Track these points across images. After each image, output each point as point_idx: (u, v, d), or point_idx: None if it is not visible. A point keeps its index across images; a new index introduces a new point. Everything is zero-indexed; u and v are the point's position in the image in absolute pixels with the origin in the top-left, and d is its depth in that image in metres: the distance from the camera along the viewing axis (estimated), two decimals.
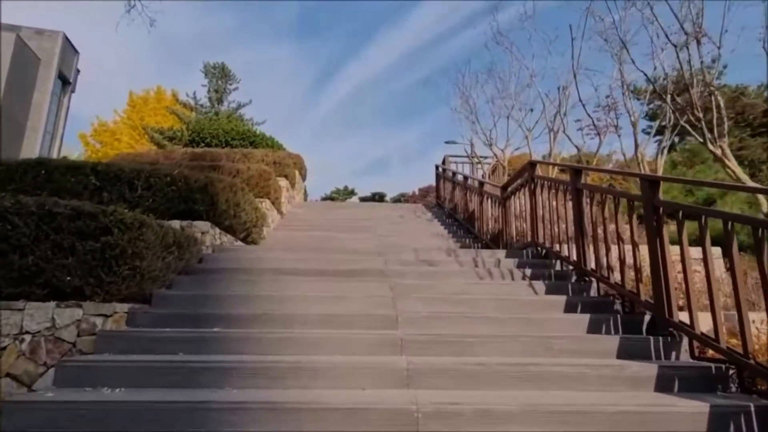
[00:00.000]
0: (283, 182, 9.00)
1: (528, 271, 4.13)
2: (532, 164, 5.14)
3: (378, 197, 47.15)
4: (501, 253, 4.83)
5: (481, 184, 7.23)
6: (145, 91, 27.48)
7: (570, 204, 4.29)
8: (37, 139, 21.00)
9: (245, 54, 43.98)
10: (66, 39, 21.71)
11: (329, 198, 45.58)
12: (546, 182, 4.81)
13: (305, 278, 3.83)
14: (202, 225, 4.55)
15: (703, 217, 2.70)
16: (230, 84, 21.43)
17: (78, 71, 24.56)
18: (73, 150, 27.27)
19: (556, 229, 4.49)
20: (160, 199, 4.57)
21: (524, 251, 4.89)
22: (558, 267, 4.38)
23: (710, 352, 2.73)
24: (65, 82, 22.20)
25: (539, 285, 3.77)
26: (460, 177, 9.12)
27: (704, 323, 2.82)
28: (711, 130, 4.87)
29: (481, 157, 10.22)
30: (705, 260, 2.64)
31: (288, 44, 50.53)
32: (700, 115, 4.88)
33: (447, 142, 16.54)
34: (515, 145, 9.27)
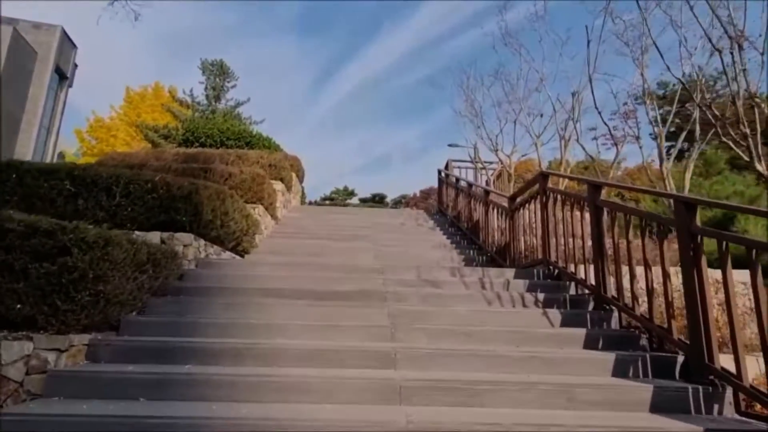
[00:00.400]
0: (278, 186, 8.62)
1: (541, 296, 3.75)
2: (544, 175, 4.76)
3: (378, 198, 46.82)
4: (509, 272, 4.45)
5: (487, 192, 6.85)
6: (143, 87, 27.09)
7: (587, 220, 3.92)
8: (33, 134, 20.63)
9: (245, 52, 43.63)
10: (64, 33, 21.33)
11: (329, 198, 45.26)
12: (560, 196, 4.43)
13: (295, 302, 3.45)
14: (185, 237, 4.17)
15: (754, 250, 2.32)
16: (228, 81, 21.02)
17: (76, 66, 24.14)
18: (71, 146, 26.92)
19: (571, 248, 4.11)
20: (140, 208, 4.19)
21: (535, 270, 4.51)
22: (573, 290, 4.01)
23: (759, 406, 2.36)
24: (62, 76, 21.82)
25: (554, 314, 3.40)
26: (464, 183, 8.74)
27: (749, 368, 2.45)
28: (740, 143, 4.53)
29: (485, 162, 9.83)
30: (756, 300, 2.27)
31: (289, 43, 50.15)
32: (747, 130, 4.52)
33: (450, 145, 16.18)
34: (522, 150, 8.87)
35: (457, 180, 9.02)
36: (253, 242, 6.46)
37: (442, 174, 11.00)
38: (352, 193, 46.84)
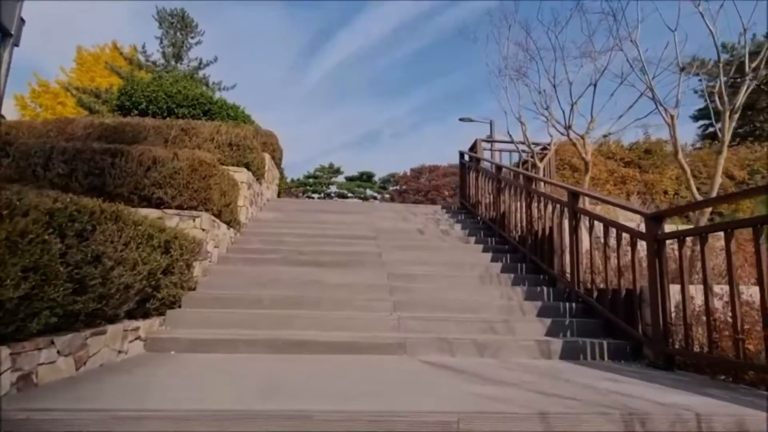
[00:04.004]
0: (242, 175, 5.85)
1: None
2: None
3: (366, 177, 44.05)
4: (755, 422, 1.86)
5: (575, 195, 4.22)
6: (99, 48, 23.38)
7: None
8: None
9: (228, 22, 39.25)
10: None
11: (312, 176, 42.26)
12: None
13: None
14: None
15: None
16: (191, 37, 17.46)
17: (23, 21, 20.38)
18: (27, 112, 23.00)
19: None
20: None
21: None
22: None
23: None
24: (5, 33, 18.18)
25: None
26: (513, 176, 6.10)
27: None
28: None
29: (533, 143, 7.15)
30: None
31: (275, 11, 45.75)
32: None
33: (462, 119, 13.47)
34: (600, 127, 6.10)
35: (500, 169, 6.35)
36: (187, 280, 3.77)
37: (466, 157, 8.31)
38: (337, 171, 43.71)
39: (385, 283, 4.35)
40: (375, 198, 42.30)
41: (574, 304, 4.02)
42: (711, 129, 16.34)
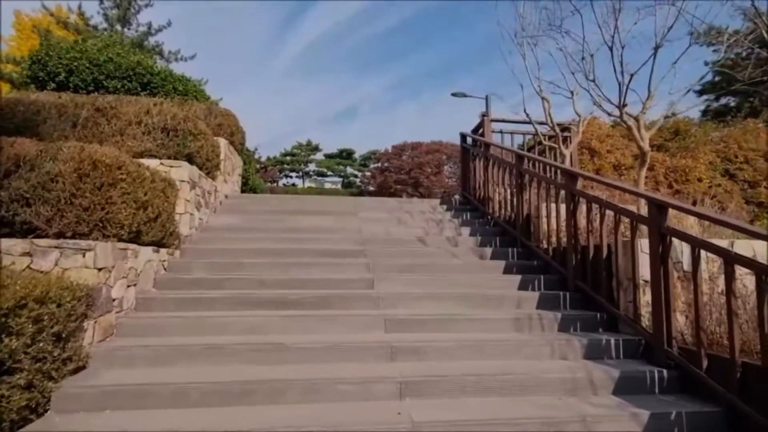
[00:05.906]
0: (181, 171, 4.31)
1: None
2: None
3: (346, 154, 42.32)
4: None
5: (660, 207, 2.85)
6: (42, 13, 20.66)
7: None
8: None
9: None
10: None
11: (290, 154, 40.33)
12: None
13: None
14: None
15: None
16: None
17: None
18: None
19: None
20: None
21: None
22: None
23: None
24: None
25: None
26: (540, 169, 4.70)
27: None
28: None
29: (557, 124, 5.72)
30: None
31: None
32: None
33: (454, 95, 11.96)
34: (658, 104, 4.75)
35: (522, 159, 4.91)
36: (64, 363, 2.33)
37: (469, 140, 6.88)
38: (316, 149, 41.75)
39: (383, 338, 2.95)
40: (355, 176, 40.64)
41: (665, 372, 2.71)
42: (715, 104, 15.05)
